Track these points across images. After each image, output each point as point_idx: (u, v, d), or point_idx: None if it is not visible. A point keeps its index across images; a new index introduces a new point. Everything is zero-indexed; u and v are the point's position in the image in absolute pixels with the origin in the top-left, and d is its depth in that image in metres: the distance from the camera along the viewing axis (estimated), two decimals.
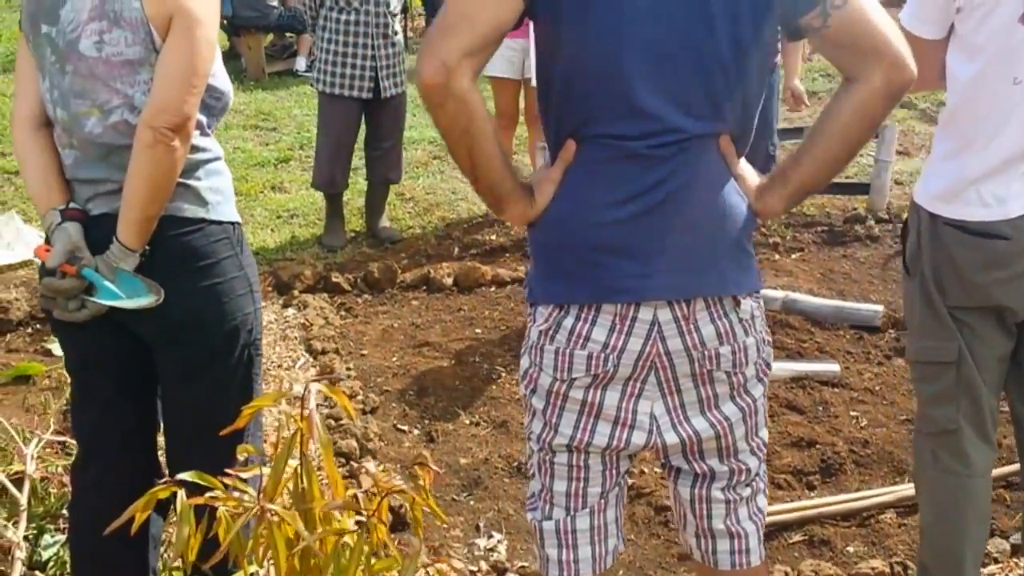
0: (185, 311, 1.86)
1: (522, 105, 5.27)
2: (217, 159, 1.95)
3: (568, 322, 1.61)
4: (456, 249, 4.85)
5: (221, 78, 1.93)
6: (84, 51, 1.80)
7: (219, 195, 1.92)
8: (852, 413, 3.29)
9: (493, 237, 5.01)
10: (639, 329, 1.58)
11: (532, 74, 4.89)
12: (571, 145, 1.60)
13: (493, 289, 4.42)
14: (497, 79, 5.04)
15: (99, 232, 1.84)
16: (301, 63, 9.00)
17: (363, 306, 4.28)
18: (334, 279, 4.39)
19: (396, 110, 4.81)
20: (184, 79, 1.77)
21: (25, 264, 4.39)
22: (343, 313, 4.20)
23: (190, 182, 1.87)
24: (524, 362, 1.71)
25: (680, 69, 1.53)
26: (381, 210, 5.01)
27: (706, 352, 1.60)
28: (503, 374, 3.61)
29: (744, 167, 1.65)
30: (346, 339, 3.92)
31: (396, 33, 4.67)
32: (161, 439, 2.08)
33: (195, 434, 1.91)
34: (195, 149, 1.87)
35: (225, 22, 8.68)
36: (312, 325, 3.96)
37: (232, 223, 1.95)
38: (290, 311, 4.15)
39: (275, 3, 8.75)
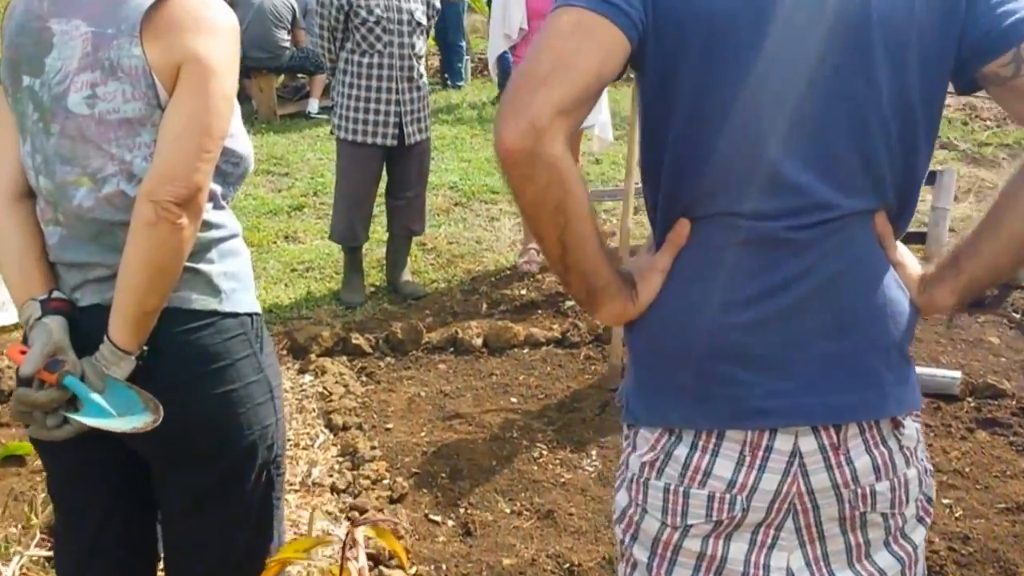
0: (192, 427, 1.51)
1: None
2: (233, 237, 1.61)
3: (681, 452, 1.27)
4: (484, 305, 4.50)
5: (240, 139, 1.59)
6: (73, 108, 1.48)
7: (235, 281, 1.58)
8: (944, 501, 2.91)
9: (523, 292, 4.66)
10: (775, 462, 1.24)
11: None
12: (684, 225, 1.26)
13: (527, 351, 4.07)
14: None
15: (88, 328, 1.50)
16: (314, 105, 8.74)
17: (386, 370, 3.93)
18: (354, 341, 4.04)
19: (420, 157, 4.49)
20: (195, 142, 1.44)
21: (19, 326, 4.05)
22: (364, 379, 3.85)
23: (200, 266, 1.53)
24: (620, 499, 1.36)
25: (831, 130, 1.20)
26: (403, 263, 4.67)
27: (859, 490, 1.26)
28: (544, 452, 3.24)
29: (903, 253, 1.31)
30: (369, 410, 3.56)
31: (421, 76, 4.36)
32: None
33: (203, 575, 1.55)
34: (207, 226, 1.53)
35: None
36: (332, 394, 3.61)
37: (250, 314, 1.60)
38: (307, 378, 3.80)
39: (287, 44, 8.49)
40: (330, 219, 4.67)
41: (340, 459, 3.15)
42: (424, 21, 4.33)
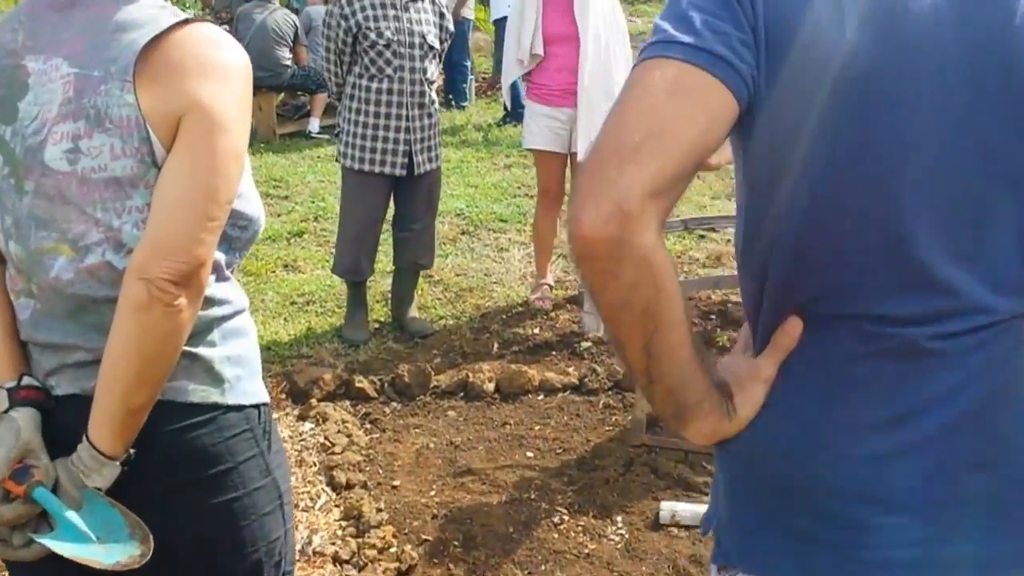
0: (186, 544, 1.26)
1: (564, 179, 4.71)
2: (238, 313, 1.37)
3: None
4: (495, 345, 4.25)
5: (250, 199, 1.36)
6: (51, 163, 1.24)
7: (240, 367, 1.34)
8: None
9: (536, 331, 4.42)
10: None
11: (579, 148, 4.35)
12: (796, 326, 1.02)
13: (541, 397, 3.82)
14: (542, 153, 4.49)
15: (64, 422, 1.26)
16: (315, 124, 8.51)
17: (392, 417, 3.68)
18: (358, 384, 3.79)
19: (430, 187, 4.25)
20: (198, 208, 1.20)
21: None
22: (369, 426, 3.60)
23: (200, 350, 1.29)
24: None
25: (992, 216, 0.97)
26: (410, 299, 4.43)
27: None
28: (565, 517, 2.99)
29: None
30: (374, 464, 3.31)
31: (432, 102, 4.13)
32: None
33: None
34: (208, 302, 1.29)
35: None
36: (334, 445, 3.35)
37: (257, 406, 1.36)
38: (307, 425, 3.54)
39: (288, 61, 8.26)
40: (332, 246, 4.43)
41: (343, 524, 2.89)
42: (436, 44, 4.10)
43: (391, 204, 4.27)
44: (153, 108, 1.20)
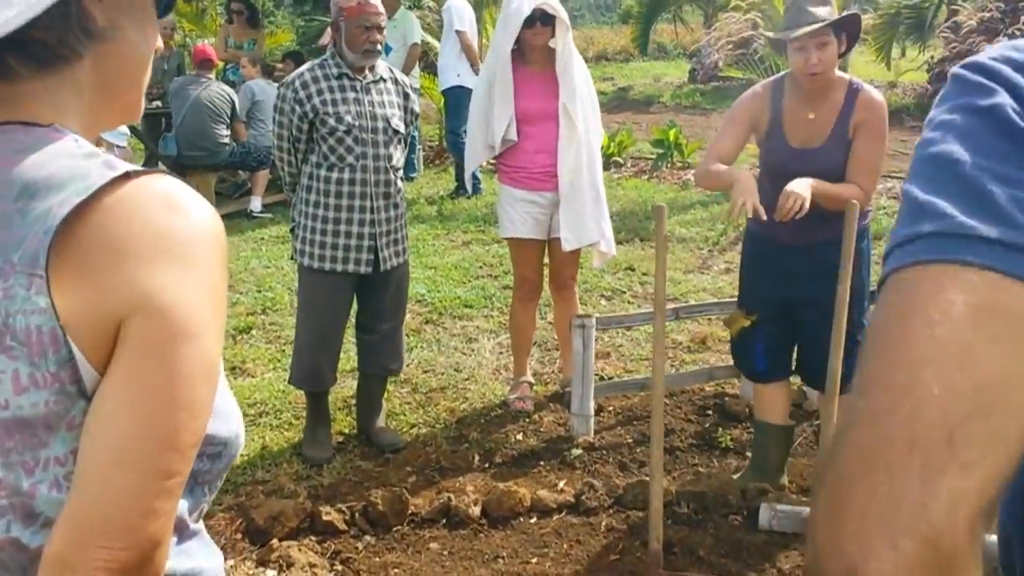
0: None
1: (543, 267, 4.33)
2: None
3: None
4: (476, 457, 3.80)
5: (227, 416, 0.93)
6: None
7: None
8: None
9: (520, 436, 3.99)
10: None
11: (563, 236, 3.98)
12: None
13: (535, 520, 3.38)
14: (520, 241, 4.10)
15: None
16: (256, 204, 8.04)
17: (366, 554, 3.20)
18: (325, 517, 3.29)
19: (398, 284, 3.82)
20: (149, 462, 0.77)
21: None
22: (340, 567, 3.11)
23: None
24: None
25: None
26: (378, 408, 3.96)
27: None
28: None
29: None
30: None
31: (399, 191, 3.72)
32: None
33: None
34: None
35: (170, 163, 7.73)
36: None
37: None
38: (269, 573, 3.04)
39: (225, 138, 7.81)
40: (283, 343, 3.99)
41: None
42: (402, 129, 3.71)
43: (354, 304, 3.83)
44: (78, 313, 0.78)
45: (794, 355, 3.37)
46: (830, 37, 2.94)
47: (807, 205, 2.79)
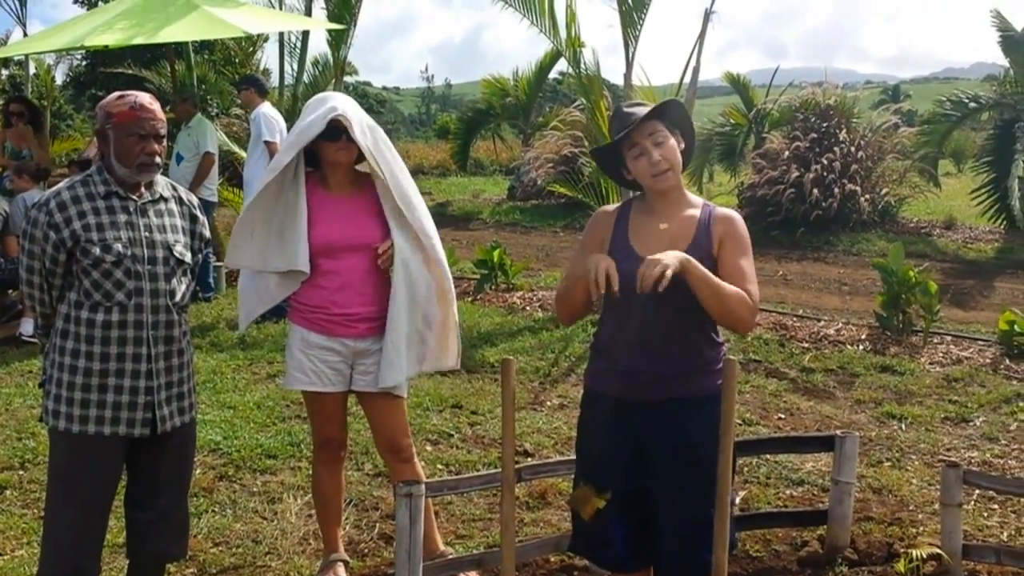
0: None
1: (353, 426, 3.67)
2: None
3: None
4: None
5: None
6: None
7: None
8: None
9: None
10: None
11: (384, 381, 3.37)
12: None
13: None
14: (314, 395, 3.42)
15: None
16: (28, 327, 7.02)
17: None
18: None
19: (181, 450, 3.08)
20: None
21: None
22: None
23: None
24: None
25: None
26: None
27: None
28: None
29: None
30: None
31: (185, 334, 3.03)
32: None
33: None
34: None
35: None
36: None
37: None
38: None
39: None
40: (43, 524, 3.12)
41: None
42: (188, 258, 3.03)
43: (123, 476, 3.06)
44: None
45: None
46: (663, 131, 2.64)
47: (669, 274, 2.37)
